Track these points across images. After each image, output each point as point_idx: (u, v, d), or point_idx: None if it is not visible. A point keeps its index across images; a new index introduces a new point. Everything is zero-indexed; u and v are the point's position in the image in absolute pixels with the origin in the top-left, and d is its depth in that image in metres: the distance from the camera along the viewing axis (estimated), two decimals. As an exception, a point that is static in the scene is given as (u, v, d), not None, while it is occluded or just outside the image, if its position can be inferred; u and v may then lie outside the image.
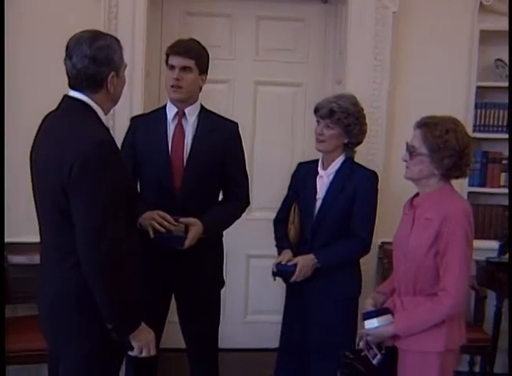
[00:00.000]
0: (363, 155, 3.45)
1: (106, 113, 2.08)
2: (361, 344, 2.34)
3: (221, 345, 3.78)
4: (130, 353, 2.04)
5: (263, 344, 3.69)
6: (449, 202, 2.24)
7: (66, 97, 2.04)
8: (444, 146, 2.21)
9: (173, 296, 2.77)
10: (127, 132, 2.74)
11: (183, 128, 2.64)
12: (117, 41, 2.08)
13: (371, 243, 2.73)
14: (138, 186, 2.70)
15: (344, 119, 2.66)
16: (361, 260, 2.99)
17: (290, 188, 2.91)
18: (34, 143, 2.07)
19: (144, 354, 2.05)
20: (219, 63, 3.65)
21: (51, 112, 2.07)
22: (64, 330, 2.02)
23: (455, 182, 2.34)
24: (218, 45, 3.67)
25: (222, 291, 3.81)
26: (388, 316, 2.29)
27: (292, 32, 3.74)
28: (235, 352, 3.81)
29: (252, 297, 3.88)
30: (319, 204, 2.72)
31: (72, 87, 2.02)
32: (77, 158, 1.86)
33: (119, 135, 2.74)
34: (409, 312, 2.29)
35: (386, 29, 3.47)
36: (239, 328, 3.89)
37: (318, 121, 2.73)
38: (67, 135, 1.93)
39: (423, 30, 3.54)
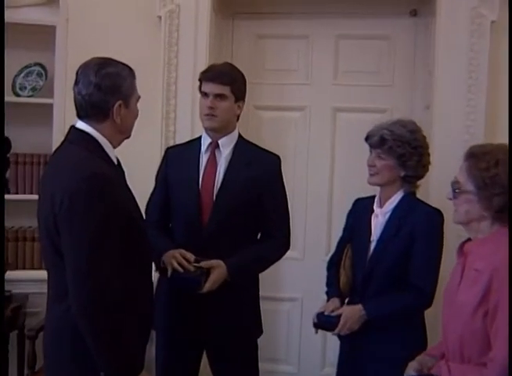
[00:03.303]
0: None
1: (115, 146, 1.95)
2: None
3: (297, 398, 3.47)
4: None
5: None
6: (503, 251, 1.77)
7: (72, 128, 1.94)
8: (491, 181, 1.79)
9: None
10: (161, 163, 2.57)
11: (216, 160, 2.42)
12: (130, 69, 1.96)
13: (433, 295, 2.27)
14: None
15: (397, 148, 2.29)
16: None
17: (345, 227, 2.56)
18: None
19: None
20: (294, 88, 3.41)
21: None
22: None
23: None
24: (293, 70, 3.41)
25: (296, 342, 3.51)
26: None
27: (375, 52, 3.33)
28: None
29: (330, 348, 3.46)
30: (372, 246, 2.35)
31: (79, 116, 1.93)
32: (65, 193, 1.76)
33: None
34: None
35: (482, 42, 2.96)
36: (316, 381, 3.50)
37: (370, 151, 2.38)
38: (63, 170, 1.83)
39: (528, 41, 2.93)
